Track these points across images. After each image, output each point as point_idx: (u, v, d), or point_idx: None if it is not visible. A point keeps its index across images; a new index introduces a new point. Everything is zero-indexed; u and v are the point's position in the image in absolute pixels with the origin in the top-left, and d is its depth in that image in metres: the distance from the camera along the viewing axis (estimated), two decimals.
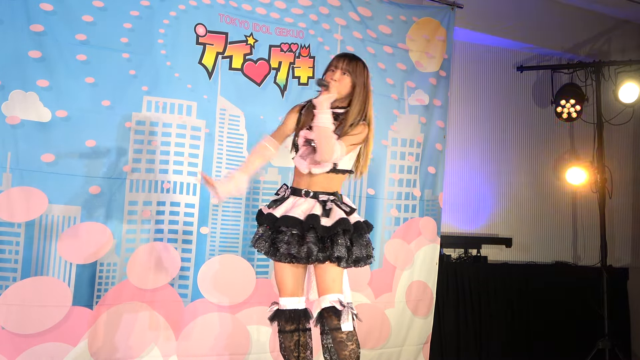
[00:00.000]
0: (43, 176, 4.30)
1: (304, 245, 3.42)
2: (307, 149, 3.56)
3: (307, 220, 3.46)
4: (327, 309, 3.46)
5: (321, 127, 3.39)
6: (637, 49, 7.48)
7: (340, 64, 3.59)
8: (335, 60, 3.63)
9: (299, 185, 3.61)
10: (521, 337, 6.47)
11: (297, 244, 3.44)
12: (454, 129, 6.49)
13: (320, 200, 3.55)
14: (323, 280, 3.51)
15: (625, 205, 7.48)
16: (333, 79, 3.53)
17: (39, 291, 4.26)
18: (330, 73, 3.59)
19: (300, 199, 3.57)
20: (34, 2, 4.31)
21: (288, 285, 3.63)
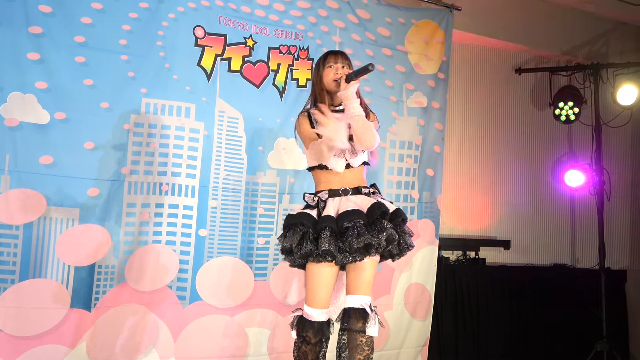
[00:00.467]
0: (41, 178, 4.30)
1: (382, 232, 3.36)
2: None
3: (372, 209, 3.42)
4: (356, 310, 3.41)
5: (357, 115, 3.44)
6: (635, 51, 7.48)
7: (339, 59, 3.64)
8: (331, 58, 3.65)
9: (333, 186, 3.56)
10: (519, 339, 6.47)
11: (370, 233, 3.36)
12: (453, 131, 6.50)
13: (364, 193, 3.55)
14: (359, 279, 3.45)
15: (623, 208, 7.48)
16: (338, 73, 3.58)
17: (37, 293, 4.25)
18: (331, 69, 3.61)
19: (342, 197, 3.53)
20: (32, 3, 4.31)
21: (323, 295, 3.49)
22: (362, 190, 3.57)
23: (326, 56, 3.69)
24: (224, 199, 4.90)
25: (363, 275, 3.46)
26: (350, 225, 3.37)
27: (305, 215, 3.48)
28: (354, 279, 3.47)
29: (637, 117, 7.19)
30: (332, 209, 3.48)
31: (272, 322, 5.00)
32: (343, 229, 3.38)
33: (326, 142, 3.44)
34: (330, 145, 3.44)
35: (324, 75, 3.63)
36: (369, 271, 3.47)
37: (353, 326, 3.38)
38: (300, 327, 3.50)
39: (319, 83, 3.66)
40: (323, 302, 3.48)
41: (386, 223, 3.40)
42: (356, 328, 3.37)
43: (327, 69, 3.62)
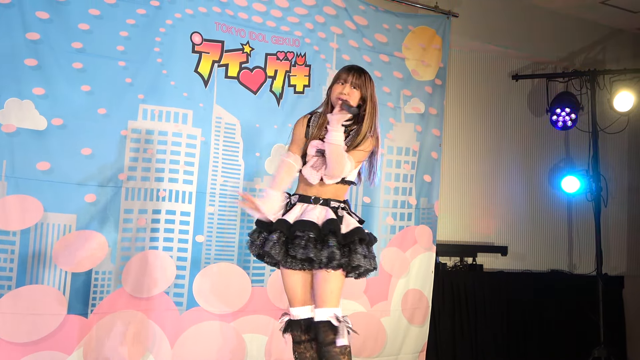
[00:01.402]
0: (38, 184, 4.30)
1: (324, 250, 3.39)
2: (318, 159, 3.54)
3: (326, 224, 3.45)
4: (323, 323, 3.44)
5: (333, 144, 3.43)
6: (632, 57, 7.50)
7: (350, 77, 3.58)
8: (344, 74, 3.60)
9: (306, 193, 3.58)
10: (517, 345, 6.47)
11: (315, 248, 3.40)
12: (450, 138, 6.50)
13: (332, 207, 3.55)
14: (323, 291, 3.47)
15: (620, 214, 7.48)
16: (343, 93, 3.54)
17: (33, 300, 4.25)
18: (340, 86, 3.57)
19: (309, 205, 3.55)
20: (30, 10, 4.31)
21: (299, 294, 3.58)
22: (330, 203, 3.56)
23: (342, 70, 3.65)
24: (221, 205, 4.90)
25: (327, 287, 3.47)
26: (300, 235, 3.41)
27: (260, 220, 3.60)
28: (318, 291, 3.49)
29: (634, 124, 7.20)
30: (294, 214, 3.52)
31: (269, 328, 4.99)
32: (294, 236, 3.43)
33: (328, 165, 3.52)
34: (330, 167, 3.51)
35: (333, 89, 3.60)
36: (333, 283, 3.47)
37: (324, 339, 3.42)
38: (289, 329, 3.59)
39: (328, 94, 3.65)
40: (301, 299, 3.58)
41: (331, 241, 3.42)
42: (327, 341, 3.41)
43: (337, 85, 3.60)
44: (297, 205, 3.56)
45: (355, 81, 3.57)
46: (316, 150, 3.54)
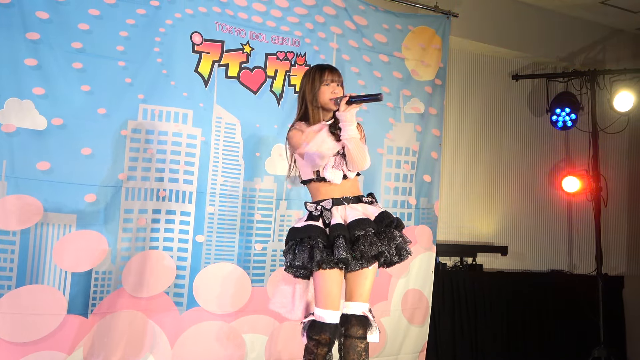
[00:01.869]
0: (38, 184, 4.29)
1: (392, 241, 3.49)
2: (336, 159, 3.59)
3: (380, 218, 3.53)
4: (358, 317, 3.50)
5: (355, 138, 3.51)
6: (632, 58, 7.50)
7: (336, 77, 3.68)
8: (328, 75, 3.67)
9: (333, 196, 3.60)
10: (517, 345, 6.47)
11: (381, 242, 3.46)
12: (450, 138, 6.50)
13: (366, 202, 3.64)
14: (362, 286, 3.55)
15: (620, 214, 7.49)
16: (334, 92, 3.62)
17: (34, 299, 4.24)
18: (327, 87, 3.64)
19: (347, 205, 3.59)
20: (29, 10, 4.31)
21: (337, 298, 3.52)
22: (362, 199, 3.65)
23: (322, 72, 3.69)
24: (221, 205, 4.90)
25: (365, 283, 3.55)
26: (362, 233, 3.44)
27: (311, 228, 3.52)
28: (356, 286, 3.55)
29: (634, 124, 7.21)
30: (338, 217, 3.53)
31: (270, 328, 4.99)
32: (355, 237, 3.44)
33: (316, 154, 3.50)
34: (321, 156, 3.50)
35: (321, 92, 3.64)
36: (370, 279, 3.57)
37: (354, 332, 3.47)
38: (316, 331, 3.49)
39: (313, 99, 3.66)
40: (337, 304, 3.53)
41: (395, 232, 3.53)
42: (357, 335, 3.47)
43: (324, 87, 3.65)
44: (333, 210, 3.56)
45: (338, 79, 3.69)
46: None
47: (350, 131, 3.50)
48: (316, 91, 3.65)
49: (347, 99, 3.52)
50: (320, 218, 3.56)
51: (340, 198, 3.59)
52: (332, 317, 3.47)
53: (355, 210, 3.56)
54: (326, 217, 3.55)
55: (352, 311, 3.51)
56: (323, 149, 3.47)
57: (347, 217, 3.53)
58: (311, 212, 3.60)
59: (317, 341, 3.48)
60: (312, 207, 3.61)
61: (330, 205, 3.56)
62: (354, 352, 3.46)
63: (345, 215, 3.54)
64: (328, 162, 3.58)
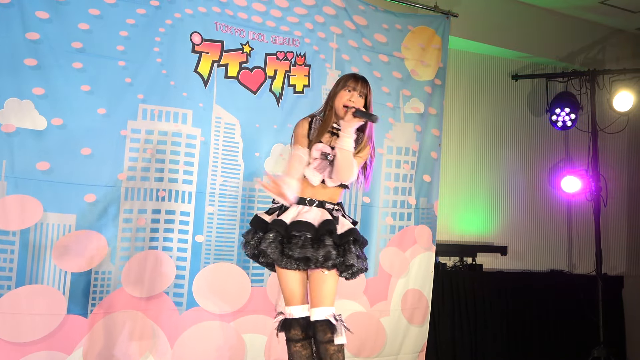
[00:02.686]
0: (38, 184, 4.30)
1: (321, 249, 3.49)
2: (322, 162, 3.63)
3: (322, 225, 3.54)
4: (321, 322, 3.53)
5: (346, 150, 3.54)
6: (632, 57, 7.51)
7: (359, 87, 3.67)
8: (352, 82, 3.68)
9: (302, 195, 3.64)
10: (517, 345, 6.47)
11: (311, 247, 3.49)
12: (449, 138, 6.50)
13: (327, 209, 3.65)
14: (320, 291, 3.58)
15: (620, 214, 7.49)
16: (352, 100, 3.63)
17: (33, 299, 4.25)
18: (347, 93, 3.66)
19: (305, 207, 3.63)
20: (29, 9, 4.31)
21: (298, 293, 3.63)
22: (325, 205, 3.67)
23: (349, 78, 3.72)
24: (220, 205, 4.90)
25: (324, 288, 3.59)
26: (297, 235, 3.52)
27: (256, 220, 3.71)
28: (315, 291, 3.60)
29: (634, 123, 7.21)
30: (290, 215, 3.60)
31: (269, 328, 4.97)
32: (290, 236, 3.52)
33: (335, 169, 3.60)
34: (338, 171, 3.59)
35: (339, 95, 3.67)
36: (329, 283, 3.60)
37: (321, 338, 3.52)
38: (286, 328, 3.61)
39: (331, 99, 3.70)
40: (299, 298, 3.62)
41: (327, 241, 3.52)
42: (325, 339, 3.51)
43: (344, 91, 3.67)
44: (292, 207, 3.63)
45: (362, 89, 3.67)
46: (321, 153, 3.63)
47: (345, 143, 3.54)
48: (337, 92, 3.69)
49: (353, 111, 3.56)
50: (277, 212, 3.68)
51: (306, 199, 3.64)
52: (297, 311, 3.59)
53: (309, 213, 3.60)
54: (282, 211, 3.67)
55: (316, 317, 3.56)
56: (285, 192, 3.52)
57: (297, 217, 3.59)
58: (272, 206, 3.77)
59: (290, 337, 3.59)
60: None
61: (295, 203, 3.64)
62: (326, 355, 3.51)
63: (297, 215, 3.60)
64: (312, 163, 3.63)
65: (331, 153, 3.61)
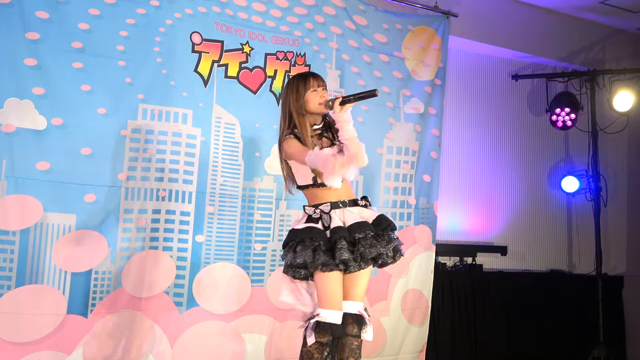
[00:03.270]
0: (38, 184, 4.29)
1: (391, 243, 3.60)
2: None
3: (378, 221, 3.61)
4: (354, 316, 3.60)
5: (354, 137, 3.57)
6: (632, 57, 7.51)
7: (321, 82, 3.70)
8: (312, 81, 3.67)
9: (331, 200, 3.63)
10: (516, 345, 6.47)
11: (379, 244, 3.55)
12: (449, 137, 6.50)
13: (362, 205, 3.71)
14: (358, 287, 3.65)
15: (620, 214, 7.50)
16: (323, 97, 3.66)
17: (33, 299, 4.24)
18: (315, 93, 3.65)
19: (344, 209, 3.64)
20: (29, 9, 4.31)
21: (339, 298, 3.57)
22: (357, 202, 3.72)
23: (306, 79, 3.69)
24: (221, 204, 4.90)
25: (361, 284, 3.66)
26: (362, 236, 3.52)
27: (313, 230, 3.55)
28: (352, 286, 3.63)
29: (634, 124, 7.22)
30: (337, 220, 3.57)
31: (269, 328, 4.99)
32: (355, 239, 3.51)
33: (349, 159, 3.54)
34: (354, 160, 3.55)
35: (310, 99, 3.65)
36: (366, 279, 3.69)
37: (349, 330, 3.55)
38: (322, 331, 3.50)
39: (299, 108, 3.65)
40: (340, 304, 3.58)
41: (392, 234, 3.64)
42: (352, 332, 3.56)
43: (312, 93, 3.66)
44: (332, 213, 3.59)
45: (324, 83, 3.72)
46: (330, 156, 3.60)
47: (349, 131, 3.55)
48: (302, 99, 3.65)
49: (339, 100, 3.57)
50: (319, 221, 3.59)
51: (338, 202, 3.63)
52: (336, 317, 3.52)
53: (352, 213, 3.62)
54: (325, 220, 3.59)
55: (348, 310, 3.59)
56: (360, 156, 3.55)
57: (345, 220, 3.58)
58: (310, 215, 3.63)
59: (320, 343, 3.49)
60: (310, 210, 3.64)
61: (329, 208, 3.60)
62: (348, 349, 3.54)
63: (344, 218, 3.59)
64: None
65: (336, 150, 3.62)
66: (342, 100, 3.56)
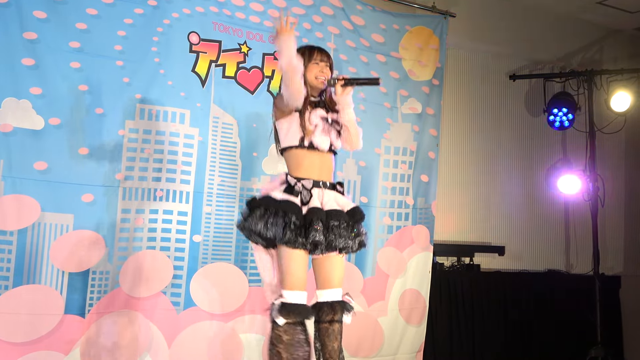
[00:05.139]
0: (36, 184, 4.29)
1: (358, 237, 3.64)
2: (325, 125, 3.66)
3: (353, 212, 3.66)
4: (336, 302, 3.63)
5: (354, 120, 3.69)
6: (629, 58, 7.51)
7: (325, 58, 3.75)
8: (318, 54, 3.73)
9: (313, 177, 3.60)
10: (514, 344, 6.47)
11: (348, 236, 3.57)
12: (447, 138, 6.50)
13: (339, 191, 3.72)
14: (333, 273, 3.68)
15: (617, 214, 7.50)
16: (323, 72, 3.70)
17: (31, 299, 4.24)
18: (317, 66, 3.70)
19: (324, 190, 3.64)
20: (27, 9, 4.31)
21: (304, 278, 3.55)
22: (337, 187, 3.72)
23: (312, 51, 3.75)
24: (218, 204, 4.90)
25: (338, 270, 3.71)
26: (337, 224, 3.53)
27: (290, 205, 3.50)
28: (327, 274, 3.68)
29: (631, 124, 7.21)
30: (317, 200, 3.57)
31: (267, 328, 4.98)
32: (330, 225, 3.52)
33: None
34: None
35: (309, 69, 3.69)
36: (342, 265, 3.73)
37: (334, 317, 3.60)
38: (288, 312, 3.48)
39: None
40: (304, 285, 3.54)
41: (362, 229, 3.69)
42: (337, 318, 3.61)
43: (313, 65, 3.70)
44: (313, 191, 3.58)
45: (329, 60, 3.77)
46: (321, 118, 3.66)
47: (350, 114, 3.68)
48: (305, 66, 3.65)
49: (342, 82, 3.63)
50: (299, 195, 3.55)
51: (319, 181, 3.63)
52: (299, 297, 3.51)
53: (330, 197, 3.62)
54: (304, 196, 3.56)
55: (329, 298, 3.64)
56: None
57: (324, 203, 3.58)
58: (291, 186, 3.58)
59: (288, 324, 3.47)
60: (292, 180, 3.59)
61: (311, 185, 3.59)
62: (332, 334, 3.59)
63: (322, 200, 3.59)
64: (317, 127, 3.62)
65: (328, 116, 3.67)
66: (345, 82, 3.63)
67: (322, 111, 3.68)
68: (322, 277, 3.67)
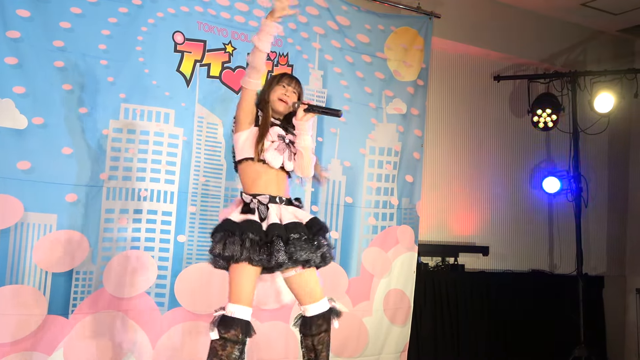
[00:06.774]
0: (19, 184, 4.26)
1: (320, 249, 3.61)
2: (281, 143, 3.64)
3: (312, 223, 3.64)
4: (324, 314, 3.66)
5: (309, 147, 3.67)
6: (612, 59, 7.56)
7: (293, 84, 3.76)
8: (287, 79, 3.76)
9: (270, 193, 3.61)
10: (498, 344, 6.50)
11: (309, 249, 3.55)
12: (432, 138, 6.51)
13: (296, 205, 3.72)
14: (315, 284, 3.67)
15: (601, 214, 7.54)
16: (286, 95, 3.71)
17: (14, 300, 4.21)
18: (282, 89, 3.72)
19: (279, 206, 3.63)
20: (10, 8, 4.28)
21: (250, 294, 3.50)
22: (293, 202, 3.73)
23: (282, 76, 3.80)
24: (203, 204, 4.89)
25: (313, 281, 3.68)
26: (297, 237, 3.53)
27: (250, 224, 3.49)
28: (309, 287, 3.67)
29: (614, 125, 7.26)
30: (274, 216, 3.57)
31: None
32: (289, 239, 3.52)
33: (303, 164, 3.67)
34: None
35: (274, 90, 3.71)
36: (313, 279, 3.69)
37: (321, 329, 3.64)
38: (226, 326, 3.43)
39: (266, 96, 3.72)
40: (250, 301, 3.50)
41: (322, 240, 3.65)
42: (323, 330, 3.64)
43: (279, 87, 3.72)
44: (270, 206, 3.58)
45: (296, 87, 3.77)
46: (278, 135, 3.65)
47: (306, 140, 3.65)
48: (271, 88, 3.72)
49: (305, 107, 3.64)
50: (256, 211, 3.55)
51: (276, 197, 3.63)
52: (243, 312, 3.45)
53: (288, 212, 3.63)
54: (262, 212, 3.57)
55: (315, 311, 3.65)
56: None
57: (282, 218, 3.58)
58: (247, 203, 3.57)
59: (225, 339, 3.42)
60: (247, 198, 3.59)
61: (267, 200, 3.59)
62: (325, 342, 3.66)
63: (280, 215, 3.59)
64: (273, 144, 3.62)
65: (286, 136, 3.67)
66: (307, 107, 3.64)
67: (281, 130, 3.68)
68: (302, 294, 3.67)
